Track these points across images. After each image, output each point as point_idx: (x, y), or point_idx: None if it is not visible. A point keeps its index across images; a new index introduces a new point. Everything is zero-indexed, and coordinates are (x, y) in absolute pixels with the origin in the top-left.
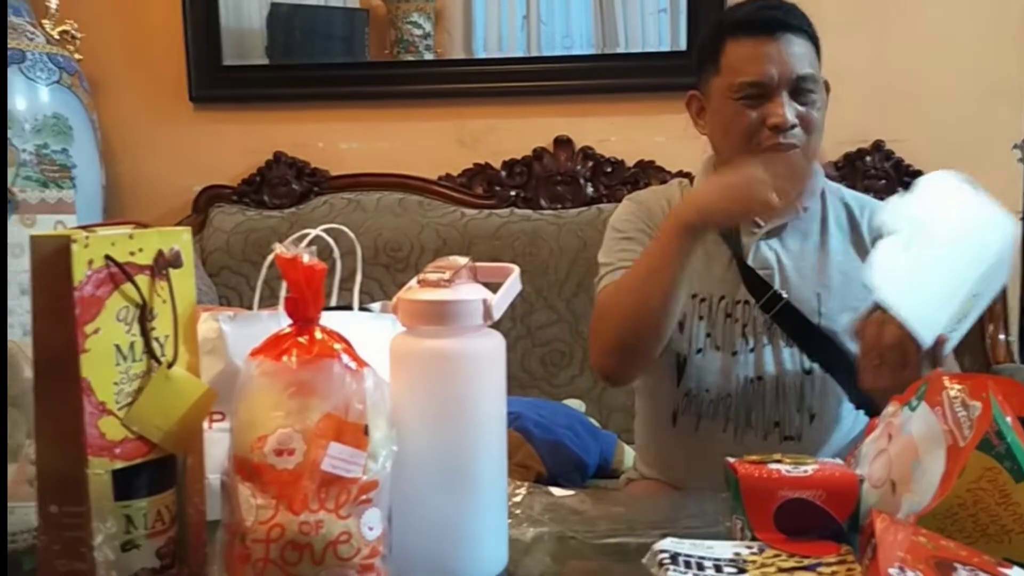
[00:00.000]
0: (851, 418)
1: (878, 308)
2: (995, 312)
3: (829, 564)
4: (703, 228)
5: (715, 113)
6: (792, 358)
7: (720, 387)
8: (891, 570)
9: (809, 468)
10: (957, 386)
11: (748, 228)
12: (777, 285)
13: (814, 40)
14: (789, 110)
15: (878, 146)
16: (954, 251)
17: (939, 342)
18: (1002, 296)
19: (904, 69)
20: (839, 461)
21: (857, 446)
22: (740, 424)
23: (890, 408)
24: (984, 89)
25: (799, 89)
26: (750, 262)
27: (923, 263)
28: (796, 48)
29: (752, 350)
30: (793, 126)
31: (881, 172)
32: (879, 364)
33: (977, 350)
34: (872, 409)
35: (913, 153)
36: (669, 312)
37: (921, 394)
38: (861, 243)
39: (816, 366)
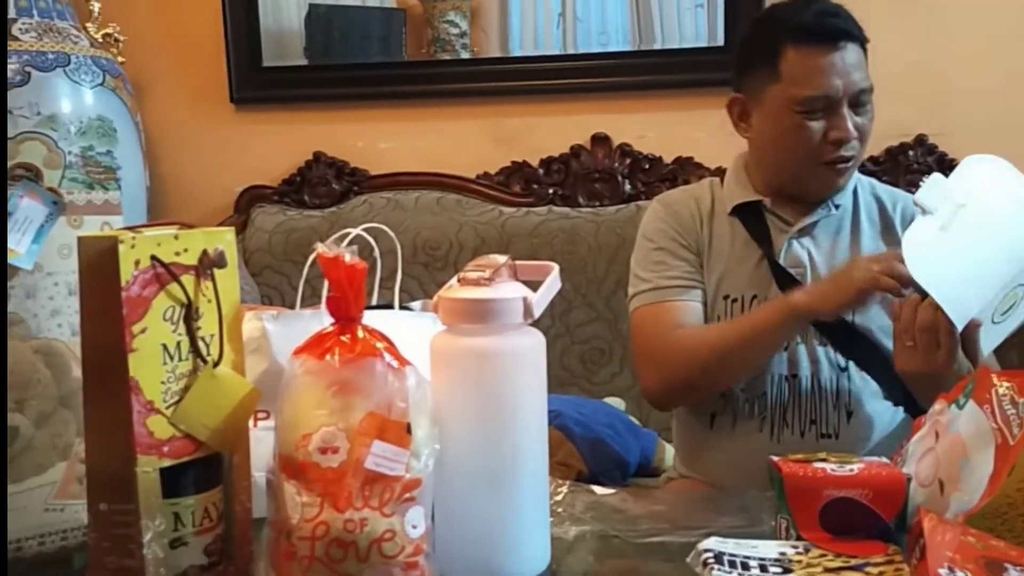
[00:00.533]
0: (889, 415)
1: (915, 289)
2: None
3: (877, 564)
4: (809, 317)
5: (769, 121)
6: (827, 355)
7: (755, 386)
8: (940, 570)
9: (855, 467)
10: (1006, 383)
11: (779, 226)
12: (809, 283)
13: (865, 46)
14: (851, 123)
15: (921, 140)
16: (994, 236)
17: (972, 326)
18: None
19: (947, 61)
20: (885, 460)
21: (904, 445)
22: (776, 423)
23: (937, 406)
24: None
25: (857, 101)
26: (782, 261)
27: (959, 245)
28: (856, 58)
29: (786, 348)
30: (853, 138)
31: (924, 166)
32: (911, 346)
33: None
34: (910, 406)
35: (956, 147)
36: (751, 372)
37: (969, 392)
38: (893, 238)
39: (851, 363)
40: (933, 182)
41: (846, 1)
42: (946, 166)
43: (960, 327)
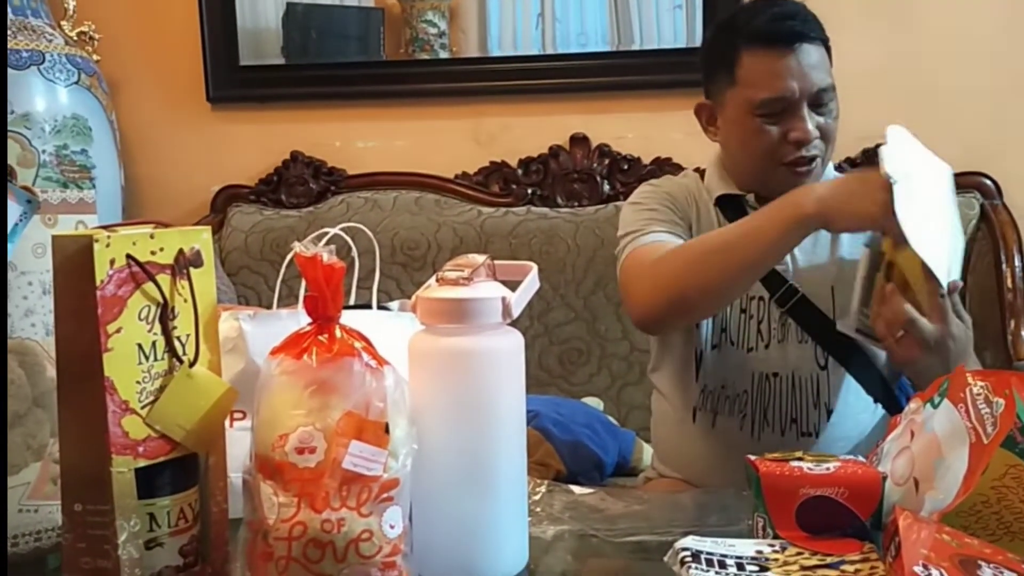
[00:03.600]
0: (869, 414)
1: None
2: (1016, 308)
3: (852, 562)
4: (818, 225)
5: (732, 125)
6: (807, 354)
7: (736, 383)
8: (915, 568)
9: (831, 465)
10: (980, 382)
11: None
12: (791, 280)
13: (827, 45)
14: (811, 123)
15: None
16: (935, 200)
17: (952, 289)
18: None
19: (923, 61)
20: (861, 459)
21: (879, 443)
22: (757, 421)
23: (912, 405)
24: (1004, 83)
25: (818, 101)
26: None
27: (925, 210)
28: (813, 58)
29: (767, 346)
30: (814, 139)
31: None
32: (903, 335)
33: (999, 346)
34: (890, 404)
35: (931, 147)
36: (745, 283)
37: (944, 391)
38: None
39: (832, 361)
40: (889, 153)
41: (820, 3)
42: None
43: (944, 286)
